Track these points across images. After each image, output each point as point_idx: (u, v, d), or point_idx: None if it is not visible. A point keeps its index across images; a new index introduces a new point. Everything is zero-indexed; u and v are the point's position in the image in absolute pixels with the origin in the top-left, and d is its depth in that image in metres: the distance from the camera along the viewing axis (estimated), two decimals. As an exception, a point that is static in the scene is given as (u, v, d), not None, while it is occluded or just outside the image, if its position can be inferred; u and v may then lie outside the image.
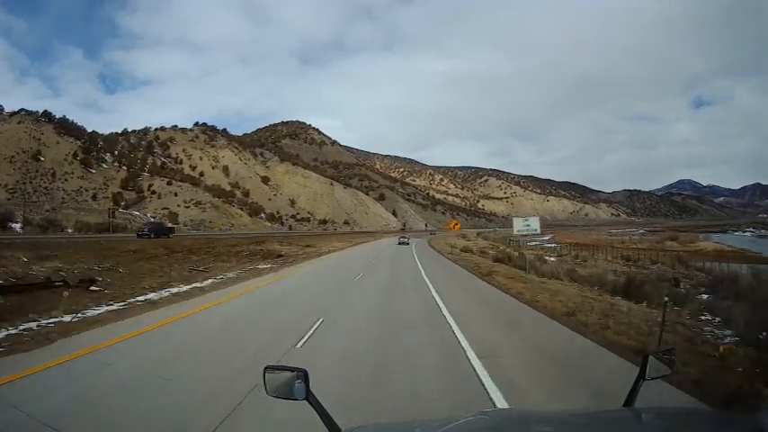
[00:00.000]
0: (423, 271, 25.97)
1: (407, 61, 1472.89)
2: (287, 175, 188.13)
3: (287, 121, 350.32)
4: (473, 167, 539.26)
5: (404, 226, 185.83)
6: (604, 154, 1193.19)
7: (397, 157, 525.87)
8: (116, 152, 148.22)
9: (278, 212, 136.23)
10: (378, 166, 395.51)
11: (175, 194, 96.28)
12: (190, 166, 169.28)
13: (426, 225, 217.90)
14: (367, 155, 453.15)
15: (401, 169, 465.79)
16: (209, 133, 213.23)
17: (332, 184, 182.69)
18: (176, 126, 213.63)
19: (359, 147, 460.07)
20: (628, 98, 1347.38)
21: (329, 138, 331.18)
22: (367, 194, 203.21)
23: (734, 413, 3.35)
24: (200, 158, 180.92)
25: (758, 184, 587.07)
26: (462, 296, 17.00)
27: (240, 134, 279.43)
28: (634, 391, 2.30)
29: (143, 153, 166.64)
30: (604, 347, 8.80)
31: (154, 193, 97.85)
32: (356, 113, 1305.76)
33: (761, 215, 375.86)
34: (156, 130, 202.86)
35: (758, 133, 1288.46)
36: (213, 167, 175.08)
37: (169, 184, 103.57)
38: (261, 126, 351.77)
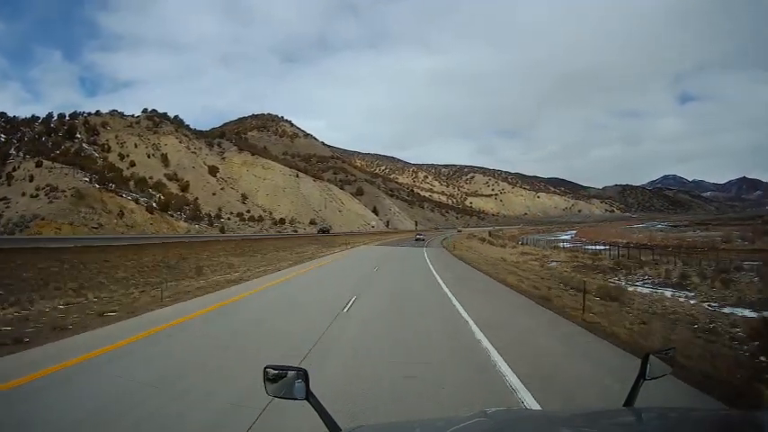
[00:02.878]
0: None
1: (392, 59, 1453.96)
2: (244, 167, 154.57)
3: (257, 115, 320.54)
4: (457, 165, 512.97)
5: (387, 225, 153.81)
6: (590, 150, 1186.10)
7: (378, 155, 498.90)
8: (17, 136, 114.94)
9: (220, 209, 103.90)
10: (358, 164, 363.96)
11: (31, 179, 63.42)
12: (119, 155, 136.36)
13: (417, 224, 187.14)
14: (346, 152, 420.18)
15: (383, 167, 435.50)
16: (154, 119, 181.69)
17: (297, 176, 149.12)
18: (115, 111, 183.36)
19: (342, 146, 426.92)
20: (613, 94, 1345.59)
21: (302, 131, 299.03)
22: (342, 189, 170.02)
23: (734, 413, 3.16)
24: (136, 146, 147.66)
25: (744, 177, 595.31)
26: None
27: (208, 129, 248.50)
28: (634, 391, 2.29)
29: (59, 138, 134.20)
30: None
31: (10, 177, 64.73)
32: (340, 113, 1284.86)
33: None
34: (86, 114, 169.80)
35: (743, 127, 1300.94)
36: (150, 156, 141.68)
37: (38, 165, 70.27)
38: (230, 120, 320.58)
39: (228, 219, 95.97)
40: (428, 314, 11.05)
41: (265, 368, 2.25)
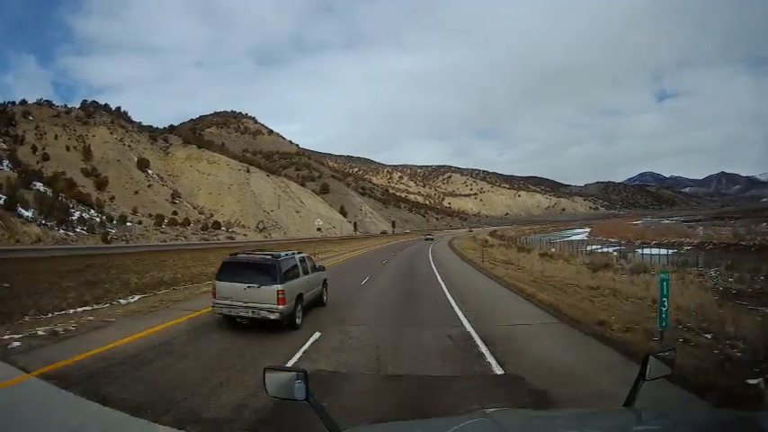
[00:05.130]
0: None
1: (368, 60, 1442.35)
2: (188, 162, 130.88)
3: (220, 112, 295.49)
4: (433, 165, 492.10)
5: (355, 228, 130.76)
6: (566, 149, 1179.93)
7: (351, 157, 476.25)
8: None
9: (135, 210, 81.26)
10: (330, 165, 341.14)
11: None
12: (32, 147, 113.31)
13: (394, 224, 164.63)
14: (318, 154, 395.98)
15: (356, 169, 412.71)
16: (89, 110, 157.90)
17: (248, 170, 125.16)
18: (44, 100, 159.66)
19: (315, 149, 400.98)
20: (590, 93, 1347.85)
21: (267, 127, 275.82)
22: (303, 185, 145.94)
23: (734, 413, 2.94)
24: (56, 137, 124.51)
25: (723, 172, 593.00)
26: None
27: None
28: (634, 392, 2.30)
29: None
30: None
31: None
32: (313, 116, 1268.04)
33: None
34: (7, 103, 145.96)
35: (721, 123, 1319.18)
36: (70, 149, 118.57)
37: None
38: (192, 118, 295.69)
39: (140, 222, 72.79)
40: None
41: (265, 369, 2.24)
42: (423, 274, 25.86)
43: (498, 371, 8.21)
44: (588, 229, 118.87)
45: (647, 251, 39.29)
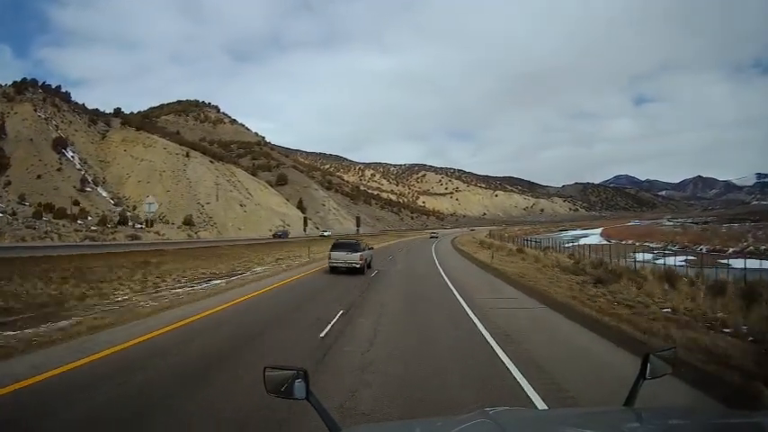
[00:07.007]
0: None
1: (344, 60, 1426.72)
2: (123, 145, 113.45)
3: (182, 101, 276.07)
4: (407, 164, 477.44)
5: (305, 226, 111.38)
6: (541, 151, 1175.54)
7: (322, 154, 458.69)
8: None
9: (22, 198, 65.02)
10: (299, 161, 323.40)
11: None
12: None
13: (359, 219, 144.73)
14: (288, 150, 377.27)
15: (327, 166, 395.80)
16: (21, 87, 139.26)
17: (187, 155, 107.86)
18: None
19: (288, 146, 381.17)
20: (566, 96, 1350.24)
21: (229, 117, 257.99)
22: (254, 174, 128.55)
23: (735, 413, 3.17)
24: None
25: (699, 176, 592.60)
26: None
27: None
28: (634, 391, 2.30)
29: None
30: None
31: None
32: (288, 114, 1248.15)
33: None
34: None
35: (698, 127, 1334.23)
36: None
37: None
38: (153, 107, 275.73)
39: (13, 213, 56.16)
40: None
41: (265, 368, 2.21)
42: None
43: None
44: (597, 230, 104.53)
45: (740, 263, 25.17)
